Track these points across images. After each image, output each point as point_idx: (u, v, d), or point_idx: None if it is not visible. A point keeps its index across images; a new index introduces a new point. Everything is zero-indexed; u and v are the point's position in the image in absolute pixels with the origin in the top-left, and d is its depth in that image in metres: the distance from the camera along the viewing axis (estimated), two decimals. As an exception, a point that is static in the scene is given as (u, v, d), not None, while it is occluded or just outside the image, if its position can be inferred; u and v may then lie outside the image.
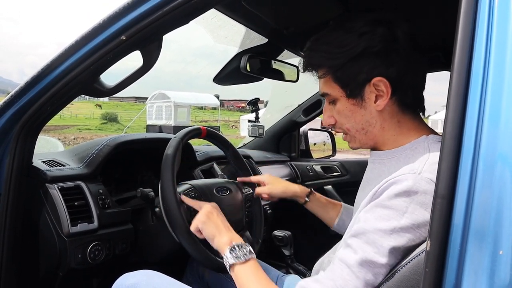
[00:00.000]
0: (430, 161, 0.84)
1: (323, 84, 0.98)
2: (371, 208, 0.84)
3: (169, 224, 1.15)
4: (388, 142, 0.98)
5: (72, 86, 1.11)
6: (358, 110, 0.95)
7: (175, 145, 1.21)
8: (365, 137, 0.99)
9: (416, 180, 0.80)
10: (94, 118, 37.10)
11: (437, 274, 0.60)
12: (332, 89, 0.96)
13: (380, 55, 0.90)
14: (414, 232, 0.79)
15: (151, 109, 25.75)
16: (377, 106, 0.93)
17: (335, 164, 2.64)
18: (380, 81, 0.90)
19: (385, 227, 0.79)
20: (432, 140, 0.92)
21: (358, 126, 0.97)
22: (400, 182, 0.81)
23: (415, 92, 0.96)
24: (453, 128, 0.62)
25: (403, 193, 0.80)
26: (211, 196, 1.28)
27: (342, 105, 0.96)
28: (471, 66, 0.63)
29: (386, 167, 0.95)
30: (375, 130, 0.97)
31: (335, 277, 0.82)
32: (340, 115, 0.98)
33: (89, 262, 1.23)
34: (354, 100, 0.94)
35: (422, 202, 0.79)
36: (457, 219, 0.60)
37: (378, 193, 0.85)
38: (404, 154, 0.93)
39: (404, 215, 0.79)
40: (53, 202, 1.20)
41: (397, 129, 0.96)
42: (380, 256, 0.79)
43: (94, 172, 1.34)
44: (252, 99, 2.30)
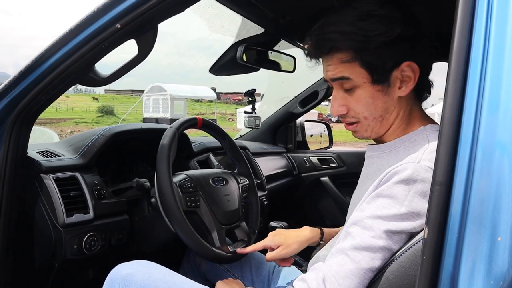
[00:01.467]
0: (429, 149, 0.84)
1: (346, 68, 0.89)
2: (372, 198, 0.84)
3: (165, 214, 1.15)
4: (395, 132, 0.95)
5: (66, 76, 1.10)
6: (381, 97, 0.90)
7: (170, 135, 1.20)
8: (379, 126, 0.94)
9: (415, 169, 0.80)
10: (91, 111, 36.98)
11: (434, 261, 0.60)
12: (356, 74, 0.89)
13: (411, 40, 0.87)
14: (413, 219, 0.79)
15: (148, 101, 25.70)
16: (401, 92, 0.90)
17: (332, 156, 2.64)
18: (409, 66, 0.88)
19: (385, 215, 0.80)
20: (431, 129, 0.91)
21: (377, 113, 0.92)
22: (400, 171, 0.81)
23: (428, 79, 0.95)
24: (452, 114, 0.62)
25: (402, 181, 0.80)
26: (207, 187, 1.27)
27: (364, 91, 0.89)
28: (470, 51, 0.63)
29: (385, 160, 0.94)
30: (391, 118, 0.93)
31: (330, 263, 0.84)
32: (359, 103, 0.91)
33: (84, 252, 1.22)
34: (380, 86, 0.89)
35: (421, 191, 0.79)
36: (455, 206, 0.60)
37: (381, 183, 0.85)
38: (403, 146, 0.92)
39: (404, 203, 0.79)
40: (48, 193, 1.19)
41: (408, 117, 0.94)
42: (377, 239, 0.80)
43: (89, 163, 1.33)
44: (248, 90, 2.29)
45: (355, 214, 0.86)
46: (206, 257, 1.17)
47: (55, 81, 1.10)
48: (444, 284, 0.59)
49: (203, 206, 1.22)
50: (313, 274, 0.85)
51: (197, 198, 1.22)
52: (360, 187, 1.05)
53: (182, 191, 1.19)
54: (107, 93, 70.70)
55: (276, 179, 2.32)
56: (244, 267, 1.36)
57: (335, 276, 0.81)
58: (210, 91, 31.90)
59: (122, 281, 1.04)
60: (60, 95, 1.18)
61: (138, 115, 28.92)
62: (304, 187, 2.62)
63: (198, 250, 1.14)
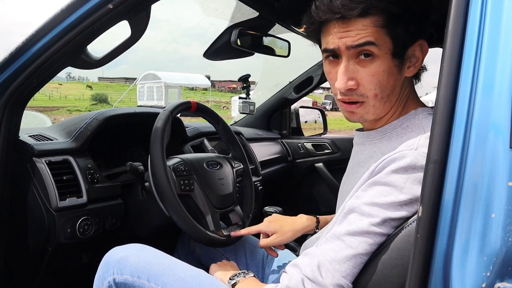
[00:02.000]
0: (425, 136, 0.82)
1: (372, 33, 0.81)
2: (369, 186, 0.83)
3: (159, 197, 1.14)
4: (390, 114, 0.91)
5: (58, 57, 1.08)
6: (395, 74, 0.85)
7: (164, 118, 1.19)
8: (383, 107, 0.88)
9: (414, 156, 0.78)
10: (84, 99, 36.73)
11: (428, 239, 0.61)
12: (382, 41, 0.81)
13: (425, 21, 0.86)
14: (412, 205, 0.79)
15: (142, 89, 25.57)
16: (410, 71, 0.88)
17: (326, 142, 2.64)
18: (420, 45, 0.86)
19: (383, 202, 0.79)
20: (422, 114, 0.89)
21: (386, 92, 0.86)
22: (398, 159, 0.80)
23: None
24: (446, 93, 0.62)
25: (401, 169, 0.79)
26: (201, 170, 1.27)
27: (383, 63, 0.83)
28: (465, 33, 0.62)
29: (377, 147, 0.92)
30: (393, 100, 0.89)
31: (325, 249, 0.82)
32: (374, 77, 0.83)
33: (78, 236, 1.22)
34: (397, 60, 0.84)
35: (419, 178, 0.77)
36: (449, 184, 0.60)
37: (376, 171, 0.83)
38: (395, 132, 0.90)
39: (403, 190, 0.78)
40: (40, 177, 1.18)
41: (404, 100, 0.91)
42: (375, 226, 0.79)
43: (82, 147, 1.32)
44: (243, 75, 2.28)
45: (352, 201, 0.84)
46: (201, 241, 1.17)
47: (47, 63, 1.09)
48: (438, 261, 0.60)
49: (197, 190, 1.22)
50: (307, 260, 0.84)
51: (191, 181, 1.21)
52: (351, 174, 1.02)
53: (176, 175, 1.19)
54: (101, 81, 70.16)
55: (270, 164, 2.32)
56: (238, 251, 1.36)
57: (331, 263, 0.80)
58: (205, 79, 31.76)
59: (116, 264, 1.04)
60: (52, 77, 1.16)
61: (132, 103, 28.76)
62: (299, 173, 2.63)
63: (193, 233, 1.14)
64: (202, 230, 1.14)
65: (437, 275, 0.60)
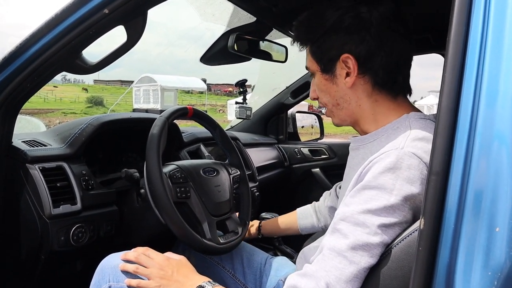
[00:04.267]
0: (412, 137, 0.83)
1: (307, 57, 1.01)
2: (358, 191, 0.82)
3: (155, 205, 1.13)
4: (368, 121, 0.98)
5: (52, 62, 1.07)
6: (331, 86, 0.97)
7: (160, 124, 1.17)
8: (342, 113, 1.00)
9: (399, 156, 0.79)
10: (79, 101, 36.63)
11: (430, 252, 0.59)
12: (310, 62, 1.00)
13: (351, 32, 0.91)
14: (403, 208, 0.78)
15: (138, 92, 25.52)
16: (346, 83, 0.94)
17: (323, 147, 2.63)
18: (347, 58, 0.92)
19: (375, 207, 0.78)
20: (414, 117, 0.90)
21: (333, 101, 0.99)
22: (383, 159, 0.80)
23: (389, 73, 0.93)
24: (449, 103, 0.60)
25: (388, 170, 0.78)
26: (197, 177, 1.25)
27: (318, 79, 0.99)
28: (467, 40, 0.61)
29: (369, 150, 0.94)
30: (351, 107, 0.98)
31: (328, 268, 0.79)
32: (318, 89, 1.01)
33: (72, 244, 1.19)
34: (327, 75, 0.97)
35: (407, 177, 0.78)
36: (452, 196, 0.58)
37: (362, 174, 0.83)
38: (386, 134, 0.91)
39: (393, 192, 0.77)
40: (34, 183, 1.16)
41: (376, 108, 0.96)
42: (373, 236, 0.77)
43: (77, 153, 1.30)
44: (239, 80, 2.27)
45: (342, 209, 0.83)
46: (197, 249, 1.15)
47: (41, 68, 1.07)
48: (440, 275, 0.58)
49: (194, 197, 1.20)
50: (310, 282, 0.80)
51: (188, 189, 1.19)
52: (345, 179, 1.05)
53: (172, 182, 1.17)
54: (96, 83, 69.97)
55: (267, 170, 2.31)
56: (235, 259, 1.34)
57: (338, 282, 0.77)
58: (201, 82, 31.76)
59: (112, 271, 1.03)
60: (46, 83, 1.15)
61: (127, 106, 28.71)
62: (295, 178, 2.61)
63: (189, 241, 1.12)
64: (198, 238, 1.13)
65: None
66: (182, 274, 1.00)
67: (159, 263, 1.01)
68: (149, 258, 1.02)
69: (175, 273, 1.00)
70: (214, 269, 1.32)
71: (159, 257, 1.03)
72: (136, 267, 1.01)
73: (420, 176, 0.78)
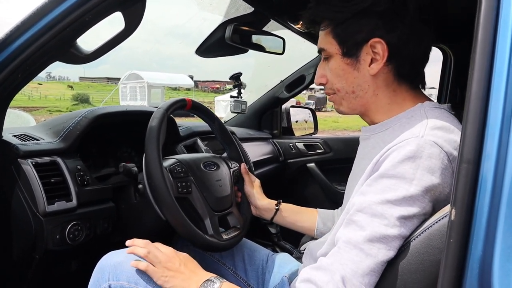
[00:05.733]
0: (431, 125, 0.80)
1: (322, 38, 0.94)
2: (375, 180, 0.79)
3: (155, 200, 1.08)
4: (381, 110, 0.94)
5: (46, 51, 1.01)
6: (351, 71, 0.92)
7: (159, 116, 1.12)
8: (355, 102, 0.95)
9: (419, 144, 0.76)
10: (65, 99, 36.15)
11: (462, 244, 0.56)
12: (329, 44, 0.93)
13: (384, 17, 0.86)
14: (423, 199, 0.75)
15: (125, 89, 25.29)
16: (371, 69, 0.90)
17: (318, 142, 2.60)
18: (378, 43, 0.87)
19: (394, 198, 0.74)
20: (428, 106, 0.88)
21: (349, 88, 0.94)
22: (402, 147, 0.77)
23: (414, 64, 0.91)
24: (479, 89, 0.57)
25: (408, 159, 0.75)
26: (198, 171, 1.21)
27: (336, 63, 0.93)
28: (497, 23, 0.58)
29: (380, 138, 0.91)
30: (366, 96, 0.93)
31: (343, 261, 0.76)
32: (332, 74, 0.95)
33: (68, 243, 1.14)
34: (349, 59, 0.91)
35: (428, 167, 0.75)
36: (484, 186, 0.55)
37: (379, 162, 0.80)
38: (399, 123, 0.89)
39: (413, 182, 0.74)
40: (26, 179, 1.10)
41: (393, 98, 0.93)
42: (391, 228, 0.74)
43: (71, 147, 1.24)
44: (234, 74, 2.21)
45: (358, 199, 0.80)
46: (199, 246, 1.11)
47: (33, 57, 1.01)
48: (473, 267, 0.55)
49: (195, 192, 1.16)
50: (325, 276, 0.77)
51: (189, 183, 1.15)
52: (354, 169, 1.01)
53: (173, 176, 1.12)
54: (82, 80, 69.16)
55: (262, 165, 2.27)
56: (236, 256, 1.30)
57: (355, 276, 0.74)
58: (188, 79, 31.60)
59: (112, 270, 0.99)
60: (39, 73, 1.08)
61: (114, 103, 28.37)
62: (291, 173, 2.58)
63: (191, 238, 1.07)
64: (201, 235, 1.08)
65: (472, 282, 0.55)
66: (189, 268, 0.97)
67: (167, 254, 0.98)
68: (158, 249, 1.00)
69: (182, 266, 0.97)
70: (215, 267, 1.28)
71: (167, 249, 1.01)
72: (147, 251, 0.98)
73: (441, 166, 0.75)
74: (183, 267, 0.97)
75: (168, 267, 0.96)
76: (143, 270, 0.96)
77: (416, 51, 0.89)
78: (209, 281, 0.91)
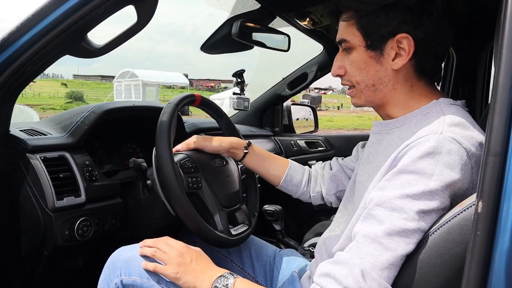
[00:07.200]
0: (448, 122, 0.80)
1: (345, 28, 0.92)
2: (394, 175, 0.78)
3: (165, 196, 1.07)
4: (398, 105, 0.94)
5: (56, 44, 1.00)
6: (373, 64, 0.90)
7: (170, 111, 1.11)
8: (373, 95, 0.94)
9: (438, 140, 0.76)
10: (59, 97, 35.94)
11: (488, 237, 0.56)
12: (352, 35, 0.91)
13: (412, 11, 0.85)
14: (442, 194, 0.75)
15: (119, 87, 25.16)
16: (394, 64, 0.89)
17: (320, 139, 2.60)
18: (405, 38, 0.86)
19: (413, 192, 0.75)
20: (444, 103, 0.88)
21: (369, 81, 0.92)
22: (421, 144, 0.77)
23: (436, 60, 0.92)
24: (507, 81, 0.57)
25: (427, 155, 0.75)
26: (208, 167, 1.20)
27: (358, 55, 0.91)
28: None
29: (396, 135, 0.91)
30: (385, 90, 0.92)
31: (362, 255, 0.76)
32: (353, 66, 0.93)
33: (77, 239, 1.13)
34: (373, 52, 0.89)
35: (447, 163, 0.75)
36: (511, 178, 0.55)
37: (397, 158, 0.80)
38: (415, 120, 0.89)
39: (432, 177, 0.74)
40: (35, 174, 1.09)
41: (409, 93, 0.92)
42: (410, 221, 0.74)
43: (79, 142, 1.23)
44: (237, 71, 2.20)
45: (376, 194, 0.80)
46: (210, 241, 1.10)
47: (43, 51, 1.00)
48: (499, 260, 0.55)
49: (205, 187, 1.15)
50: (343, 269, 0.76)
51: (199, 178, 1.14)
52: (366, 163, 1.00)
53: (183, 171, 1.12)
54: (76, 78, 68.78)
55: (264, 162, 2.26)
56: (243, 252, 1.30)
57: (373, 269, 0.74)
58: (183, 77, 31.49)
59: (124, 265, 0.98)
60: (48, 66, 1.07)
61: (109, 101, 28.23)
62: (292, 171, 2.57)
63: (202, 234, 1.07)
64: (212, 231, 1.08)
65: (499, 275, 0.55)
66: (201, 264, 0.96)
67: (178, 249, 0.97)
68: (168, 244, 0.99)
69: (194, 262, 0.96)
70: (222, 263, 1.28)
71: (178, 244, 0.99)
72: (155, 250, 0.97)
73: (460, 162, 0.75)
74: (195, 263, 0.96)
75: (179, 263, 0.95)
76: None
77: (440, 47, 0.89)
78: (223, 277, 0.90)
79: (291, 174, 1.29)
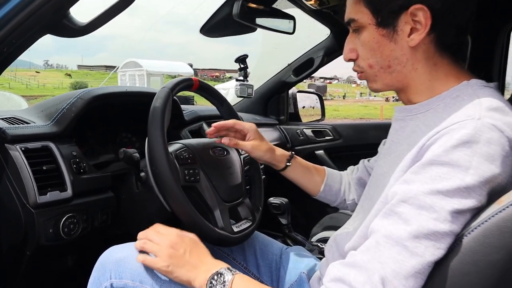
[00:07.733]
0: (486, 106, 0.69)
1: (352, 7, 0.84)
2: (422, 167, 0.68)
3: (159, 190, 0.97)
4: (421, 87, 0.83)
5: (35, 21, 0.89)
6: (387, 43, 0.81)
7: (164, 96, 1.00)
8: (391, 77, 0.84)
9: (477, 127, 0.65)
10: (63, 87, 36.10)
11: None
12: (360, 14, 0.82)
13: None
14: (480, 191, 0.64)
15: (124, 77, 25.22)
16: (411, 40, 0.78)
17: (327, 128, 2.50)
18: (419, 10, 0.76)
19: (446, 188, 0.63)
20: (477, 85, 0.77)
21: (384, 62, 0.83)
22: (455, 131, 0.66)
23: (458, 33, 0.80)
24: None
25: (463, 144, 0.64)
26: (207, 158, 1.10)
27: (369, 34, 0.82)
28: None
29: (421, 121, 0.80)
30: (404, 70, 0.82)
31: (383, 259, 0.66)
32: (365, 47, 0.84)
33: (63, 237, 1.04)
34: (385, 30, 0.80)
35: (487, 154, 0.64)
36: None
37: (425, 147, 0.69)
38: (443, 103, 0.77)
39: (469, 171, 0.63)
40: (15, 166, 0.99)
41: (433, 73, 0.81)
42: (441, 223, 0.63)
43: (65, 131, 1.13)
44: (240, 56, 2.09)
45: (401, 187, 0.69)
46: (209, 240, 1.00)
47: (21, 29, 0.89)
48: None
49: (204, 180, 1.05)
50: (360, 275, 0.67)
51: (197, 171, 1.04)
52: (388, 154, 0.89)
53: (179, 163, 1.02)
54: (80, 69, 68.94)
55: (269, 152, 2.16)
56: (247, 250, 1.20)
57: (396, 277, 0.64)
58: (187, 67, 31.48)
59: (114, 267, 0.90)
60: (28, 47, 0.97)
61: (113, 91, 28.36)
62: (298, 161, 2.47)
63: (200, 231, 0.96)
64: (211, 228, 0.98)
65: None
66: (195, 255, 0.86)
67: (170, 239, 0.88)
68: (159, 233, 0.90)
69: (188, 253, 0.86)
70: (224, 261, 1.18)
71: (170, 233, 0.90)
72: (144, 241, 0.89)
73: (501, 153, 0.64)
74: (188, 255, 0.86)
75: (170, 255, 0.85)
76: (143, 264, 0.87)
77: (461, 18, 0.78)
78: (218, 275, 0.80)
79: (329, 183, 1.21)
